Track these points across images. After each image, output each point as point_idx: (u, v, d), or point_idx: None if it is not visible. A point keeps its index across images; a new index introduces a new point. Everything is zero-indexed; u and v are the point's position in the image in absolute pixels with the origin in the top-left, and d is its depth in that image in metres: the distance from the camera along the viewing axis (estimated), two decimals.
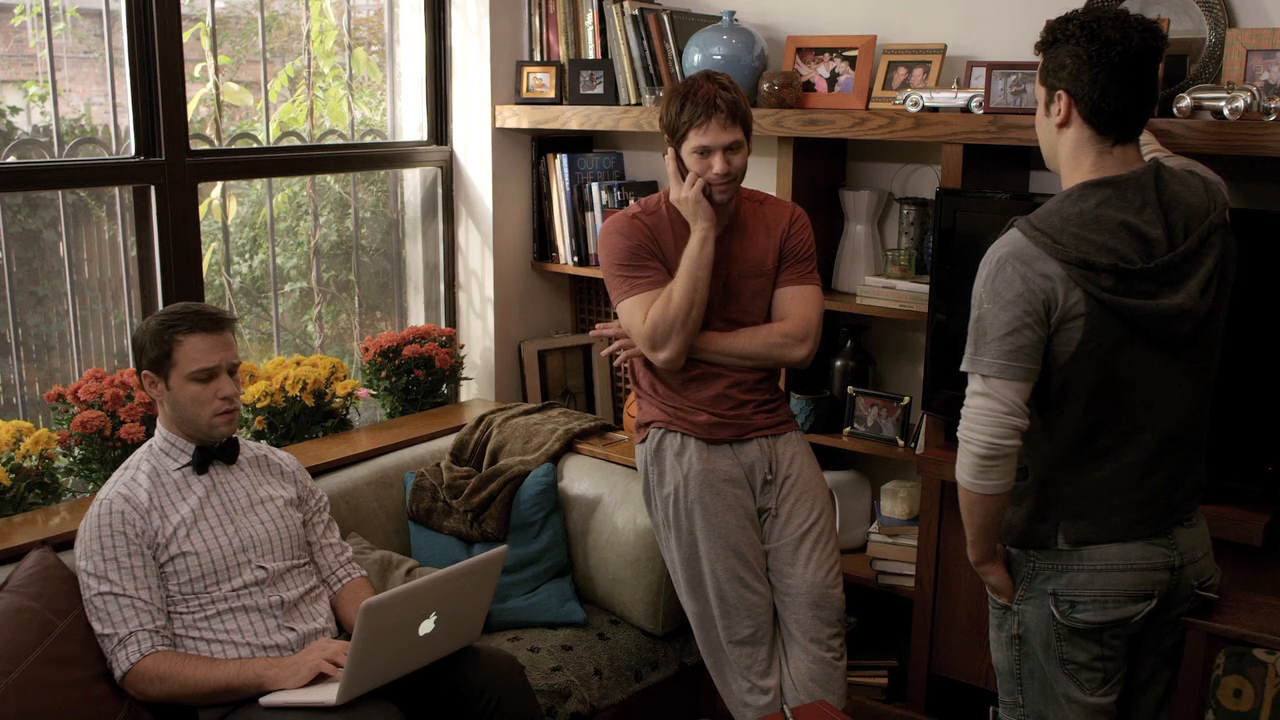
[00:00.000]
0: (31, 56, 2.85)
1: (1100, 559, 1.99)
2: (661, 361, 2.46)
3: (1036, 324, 1.88)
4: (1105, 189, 1.88)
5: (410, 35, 3.54)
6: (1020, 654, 2.11)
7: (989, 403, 1.91)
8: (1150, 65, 1.89)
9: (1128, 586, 1.99)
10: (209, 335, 2.30)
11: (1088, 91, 1.89)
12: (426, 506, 2.97)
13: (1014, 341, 1.88)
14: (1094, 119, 1.91)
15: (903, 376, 3.20)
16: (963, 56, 2.93)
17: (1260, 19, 2.57)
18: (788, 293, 2.54)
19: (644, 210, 2.55)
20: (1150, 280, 1.86)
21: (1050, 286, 1.86)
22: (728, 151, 2.39)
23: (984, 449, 1.92)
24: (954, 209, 2.65)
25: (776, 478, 2.55)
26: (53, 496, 2.67)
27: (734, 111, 2.39)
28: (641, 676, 2.82)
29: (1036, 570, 2.04)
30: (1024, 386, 1.91)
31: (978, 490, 1.96)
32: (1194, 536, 2.04)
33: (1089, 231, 1.85)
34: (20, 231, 2.89)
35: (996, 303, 1.90)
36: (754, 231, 2.54)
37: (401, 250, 3.68)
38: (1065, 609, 2.01)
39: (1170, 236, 1.88)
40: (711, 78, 2.43)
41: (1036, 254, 1.87)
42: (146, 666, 2.16)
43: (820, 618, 2.51)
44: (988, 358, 1.91)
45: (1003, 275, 1.89)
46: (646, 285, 2.47)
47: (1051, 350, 1.91)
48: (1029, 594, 2.06)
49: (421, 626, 2.14)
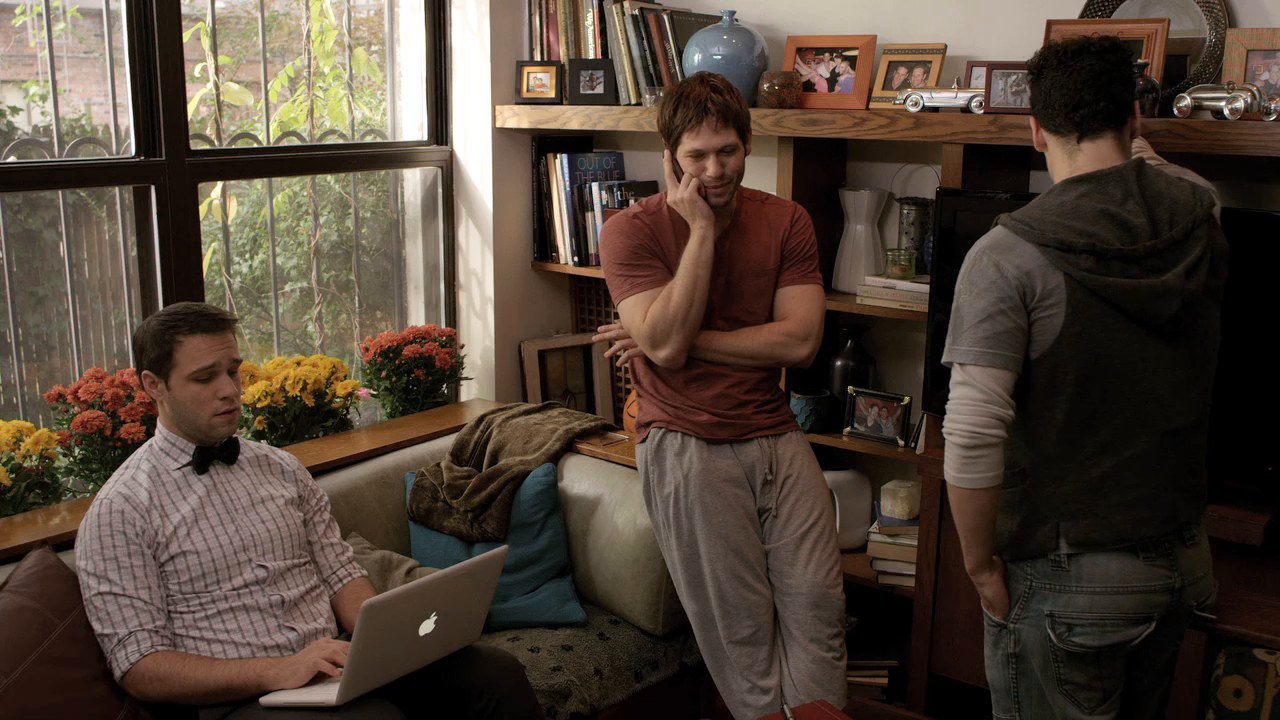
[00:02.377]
0: (32, 56, 2.85)
1: (1100, 580, 1.94)
2: (662, 360, 2.46)
3: (1012, 310, 1.89)
4: (1086, 183, 1.91)
5: (410, 35, 3.54)
6: (1018, 673, 2.08)
7: (969, 391, 1.91)
8: (1092, 62, 1.94)
9: (1127, 610, 1.95)
10: (209, 335, 2.30)
11: (1041, 105, 2.01)
12: (427, 506, 2.97)
13: (989, 328, 1.89)
14: (1048, 123, 2.00)
15: (903, 376, 3.20)
16: (963, 56, 2.93)
17: (1260, 19, 2.57)
18: (790, 292, 2.54)
19: (645, 210, 2.55)
20: (1134, 264, 1.87)
21: (1027, 272, 1.88)
22: (721, 154, 2.38)
23: (966, 438, 1.90)
24: (954, 209, 2.65)
25: (777, 478, 2.55)
26: (53, 496, 2.67)
27: (726, 114, 2.38)
28: (641, 676, 2.82)
29: (1034, 590, 2.00)
30: (1003, 374, 1.90)
31: (964, 485, 1.93)
32: (1195, 556, 2.01)
33: (1068, 219, 1.88)
34: (20, 231, 2.89)
35: (971, 292, 1.92)
36: (756, 231, 2.54)
37: (402, 250, 3.68)
38: (1062, 632, 1.97)
39: (1155, 226, 1.88)
40: (705, 80, 2.41)
41: (1014, 242, 1.90)
42: (146, 666, 2.16)
43: (820, 618, 2.51)
44: (964, 345, 1.92)
45: (978, 266, 1.93)
46: (647, 284, 2.47)
47: (1034, 338, 1.90)
48: (1026, 614, 2.02)
49: (422, 627, 2.14)
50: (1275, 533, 2.40)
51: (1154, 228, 1.88)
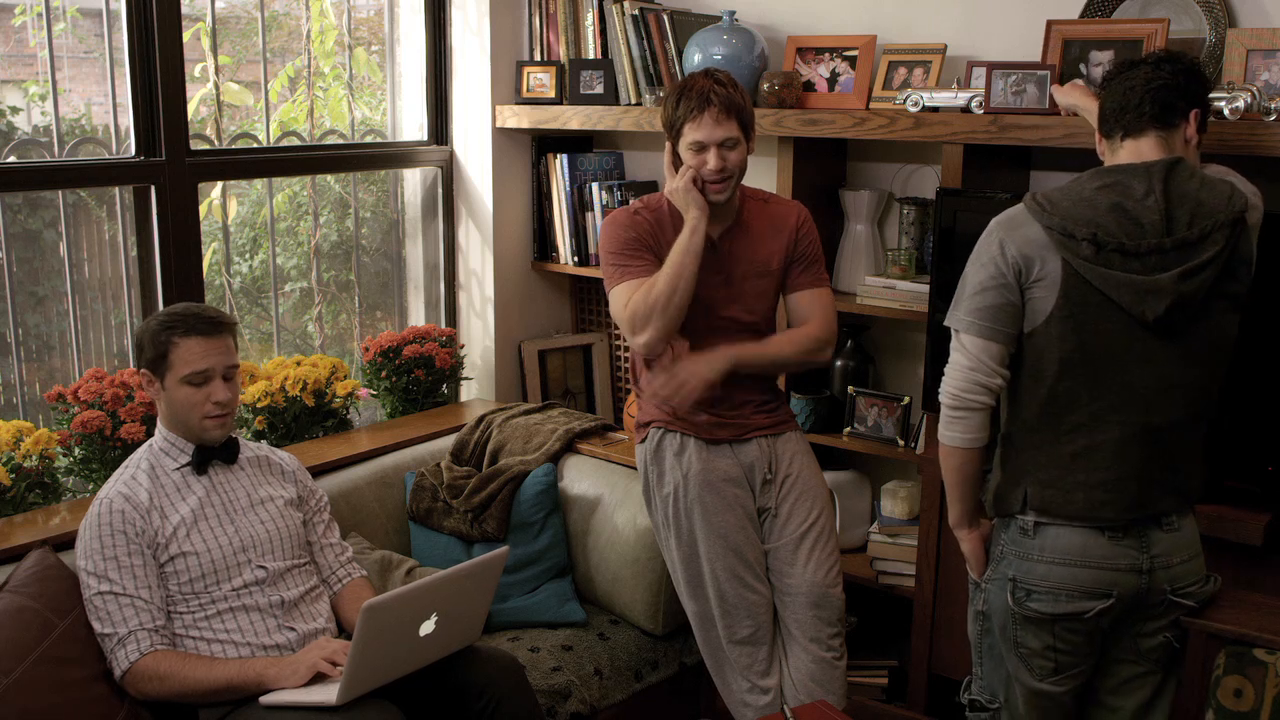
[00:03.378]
0: (32, 56, 2.85)
1: (1061, 551, 2.03)
2: (641, 346, 2.44)
3: (1004, 288, 2.00)
4: (1112, 175, 1.99)
5: (410, 35, 3.54)
6: (982, 630, 2.22)
7: (959, 357, 2.05)
8: (1147, 72, 2.01)
9: (1084, 582, 2.03)
10: (205, 339, 2.29)
11: (1100, 117, 2.10)
12: (427, 506, 2.97)
13: (982, 300, 2.02)
14: (1103, 127, 2.09)
15: (903, 376, 3.20)
16: (963, 56, 2.93)
17: (1260, 19, 2.57)
18: (806, 296, 2.55)
19: (645, 206, 2.56)
20: (1134, 258, 1.92)
21: (1026, 254, 1.97)
22: (723, 148, 2.38)
23: (950, 399, 2.06)
24: (954, 209, 2.65)
25: (776, 477, 2.55)
26: (53, 496, 2.67)
27: (729, 106, 2.38)
28: (641, 676, 2.82)
29: (1004, 554, 2.12)
30: (992, 345, 2.02)
31: (946, 442, 2.09)
32: (1173, 541, 2.04)
33: (1080, 209, 1.95)
34: (20, 231, 2.89)
35: (976, 263, 2.05)
36: (759, 231, 2.54)
37: (401, 250, 3.68)
38: (1020, 596, 2.08)
39: (1170, 225, 1.92)
40: (709, 74, 2.43)
41: (1024, 219, 2.00)
42: (146, 666, 2.16)
43: (820, 617, 2.51)
44: (961, 313, 2.05)
45: (987, 240, 2.04)
46: (635, 274, 2.46)
47: (1026, 315, 2.00)
48: (994, 575, 2.14)
49: (422, 627, 2.14)
50: (1275, 533, 2.40)
51: (1169, 226, 1.91)
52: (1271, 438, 2.42)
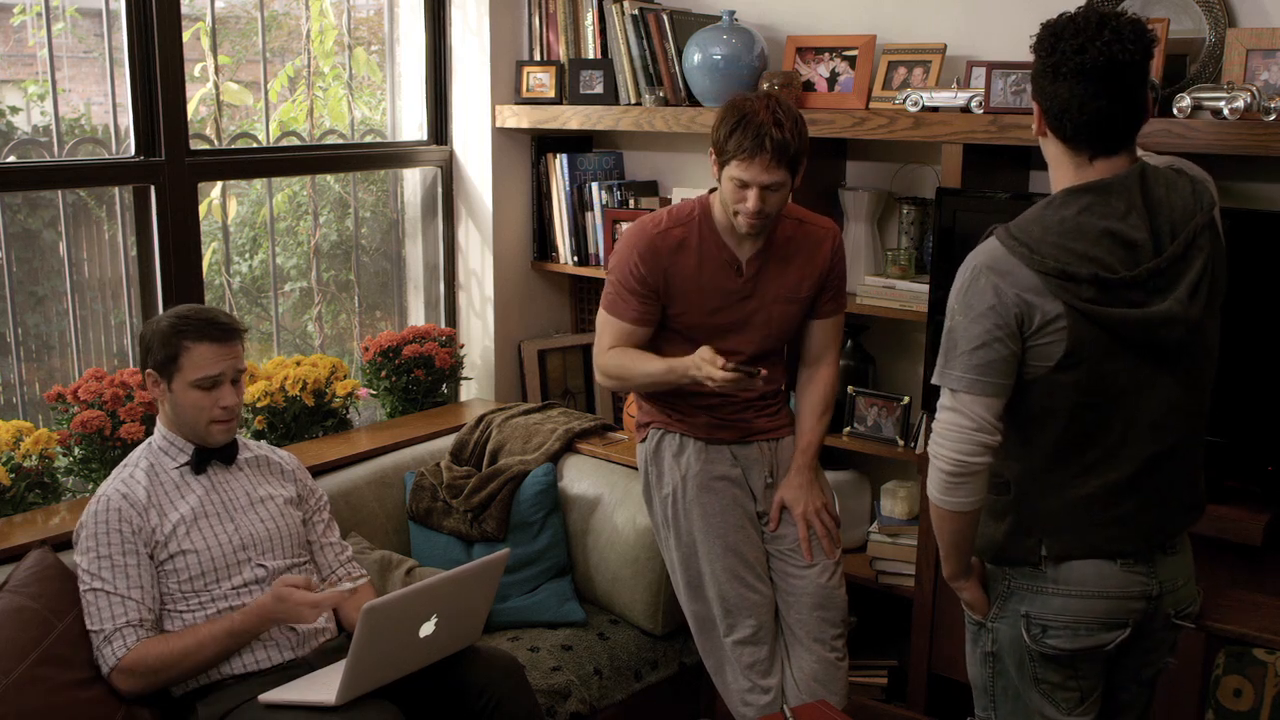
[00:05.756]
0: (31, 56, 2.85)
1: (1076, 583, 1.92)
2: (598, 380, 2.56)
3: (1008, 338, 1.81)
4: (1088, 195, 1.82)
5: (410, 35, 3.54)
6: (994, 671, 2.07)
7: (957, 418, 1.86)
8: (1120, 75, 1.78)
9: (1100, 615, 1.93)
10: (217, 345, 2.29)
11: (1050, 104, 1.84)
12: (426, 506, 2.97)
13: (983, 356, 1.83)
14: (1060, 131, 1.85)
15: (903, 376, 3.20)
16: (963, 56, 2.93)
17: (1260, 19, 2.57)
18: (828, 325, 2.56)
19: (675, 222, 2.44)
20: (1136, 288, 1.80)
21: (1025, 300, 1.80)
22: (765, 190, 2.30)
23: (951, 465, 1.87)
24: (954, 209, 2.65)
25: (776, 481, 2.56)
26: (53, 496, 2.67)
27: (782, 154, 2.25)
28: (641, 676, 2.82)
29: (1012, 590, 1.99)
30: (993, 402, 1.84)
31: (946, 507, 1.91)
32: (1176, 565, 1.97)
33: (1069, 241, 1.79)
34: (20, 231, 2.89)
35: (968, 315, 1.84)
36: (793, 258, 2.47)
37: (401, 250, 3.68)
38: (1036, 633, 1.96)
39: (1156, 241, 1.81)
40: (772, 108, 2.27)
41: (1013, 265, 1.81)
42: (131, 661, 2.16)
43: (824, 618, 2.51)
44: (957, 371, 1.86)
45: (975, 286, 1.84)
46: (627, 316, 2.44)
47: (1028, 364, 1.85)
48: (1003, 613, 2.01)
49: (422, 628, 2.14)
50: (1275, 533, 2.40)
51: (1155, 241, 1.81)
52: (1271, 438, 2.42)
